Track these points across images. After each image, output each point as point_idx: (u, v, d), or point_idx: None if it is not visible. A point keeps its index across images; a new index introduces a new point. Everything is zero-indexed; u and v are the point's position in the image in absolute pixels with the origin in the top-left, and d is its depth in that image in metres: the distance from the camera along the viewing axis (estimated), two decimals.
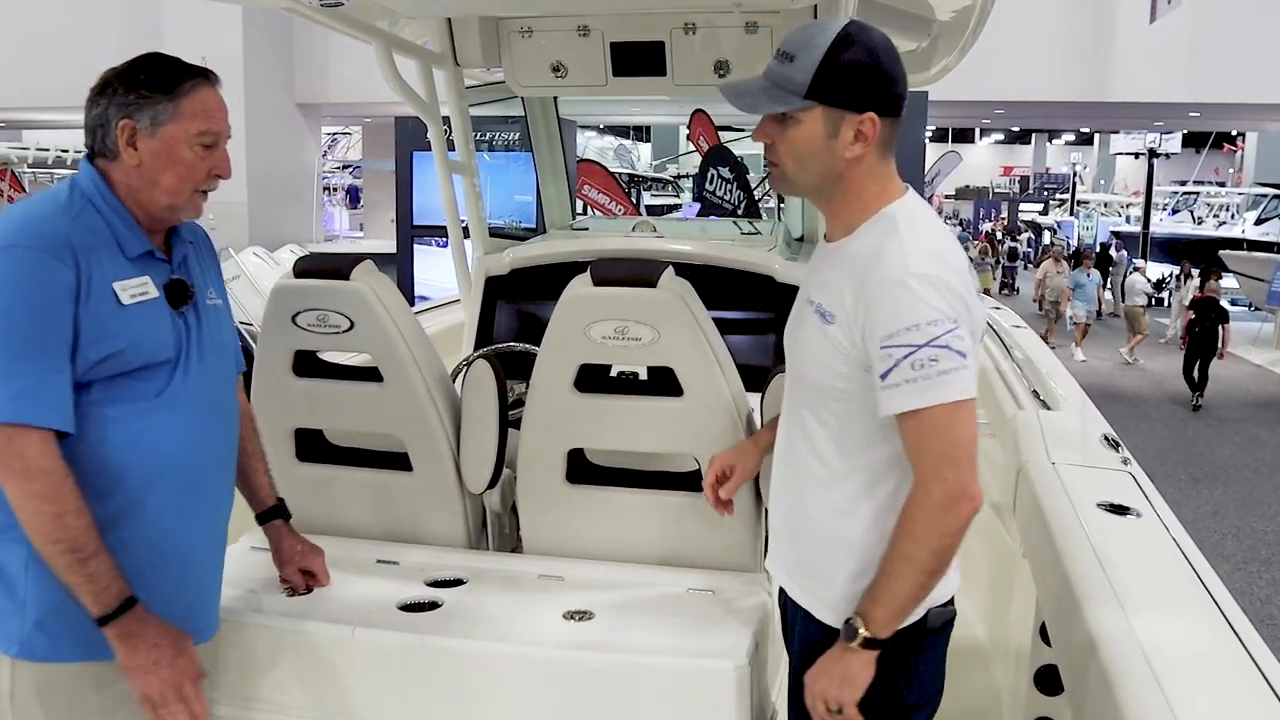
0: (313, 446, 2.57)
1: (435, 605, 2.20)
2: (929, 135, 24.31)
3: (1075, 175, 44.29)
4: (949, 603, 1.80)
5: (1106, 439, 2.91)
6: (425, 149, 4.55)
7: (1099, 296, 17.42)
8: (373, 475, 2.53)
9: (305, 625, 2.14)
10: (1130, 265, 20.78)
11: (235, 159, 1.95)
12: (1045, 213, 44.03)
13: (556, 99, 4.28)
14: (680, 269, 2.28)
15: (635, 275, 2.24)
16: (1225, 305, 14.12)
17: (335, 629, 2.11)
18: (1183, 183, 33.80)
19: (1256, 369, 15.71)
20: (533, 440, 2.39)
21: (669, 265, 2.26)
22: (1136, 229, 28.36)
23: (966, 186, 48.67)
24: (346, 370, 2.57)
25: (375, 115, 20.94)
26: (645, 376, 2.40)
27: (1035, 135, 54.27)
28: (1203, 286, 14.37)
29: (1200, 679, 1.61)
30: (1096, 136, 47.29)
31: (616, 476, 2.42)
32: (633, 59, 3.18)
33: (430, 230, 10.05)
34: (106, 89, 1.83)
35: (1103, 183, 46.66)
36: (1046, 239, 32.36)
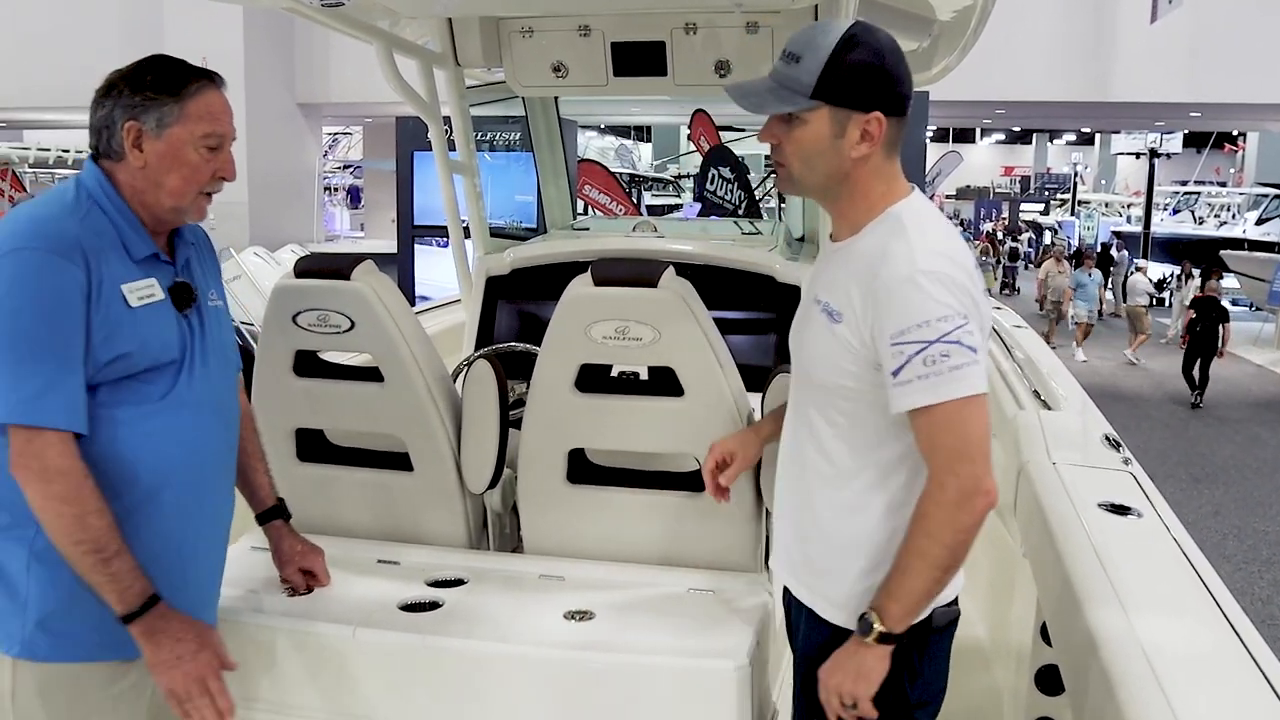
0: (313, 446, 2.57)
1: (436, 605, 2.20)
2: (930, 135, 24.31)
3: (1076, 175, 44.30)
4: (953, 602, 1.80)
5: (1107, 439, 2.90)
6: (426, 149, 4.55)
7: (1100, 296, 17.41)
8: (373, 475, 2.53)
9: (306, 625, 2.14)
10: (1131, 265, 20.76)
11: (236, 159, 1.94)
12: (1046, 213, 44.03)
13: (557, 99, 4.28)
14: (681, 269, 2.28)
15: (636, 275, 2.24)
16: (1226, 305, 14.13)
17: (336, 629, 2.11)
18: (1184, 183, 33.78)
19: (1258, 369, 15.70)
20: (533, 440, 2.39)
21: (670, 265, 2.26)
22: (1138, 229, 28.38)
23: (967, 186, 48.66)
24: (347, 370, 2.57)
25: (376, 115, 20.94)
26: (646, 376, 2.40)
27: (1036, 135, 54.28)
28: (1203, 286, 14.37)
29: (1201, 679, 1.61)
30: (1097, 136, 47.32)
31: (617, 476, 2.42)
32: (633, 59, 3.18)
33: (431, 230, 10.04)
34: (112, 90, 1.83)
35: (1104, 183, 46.68)
36: (1047, 239, 32.35)
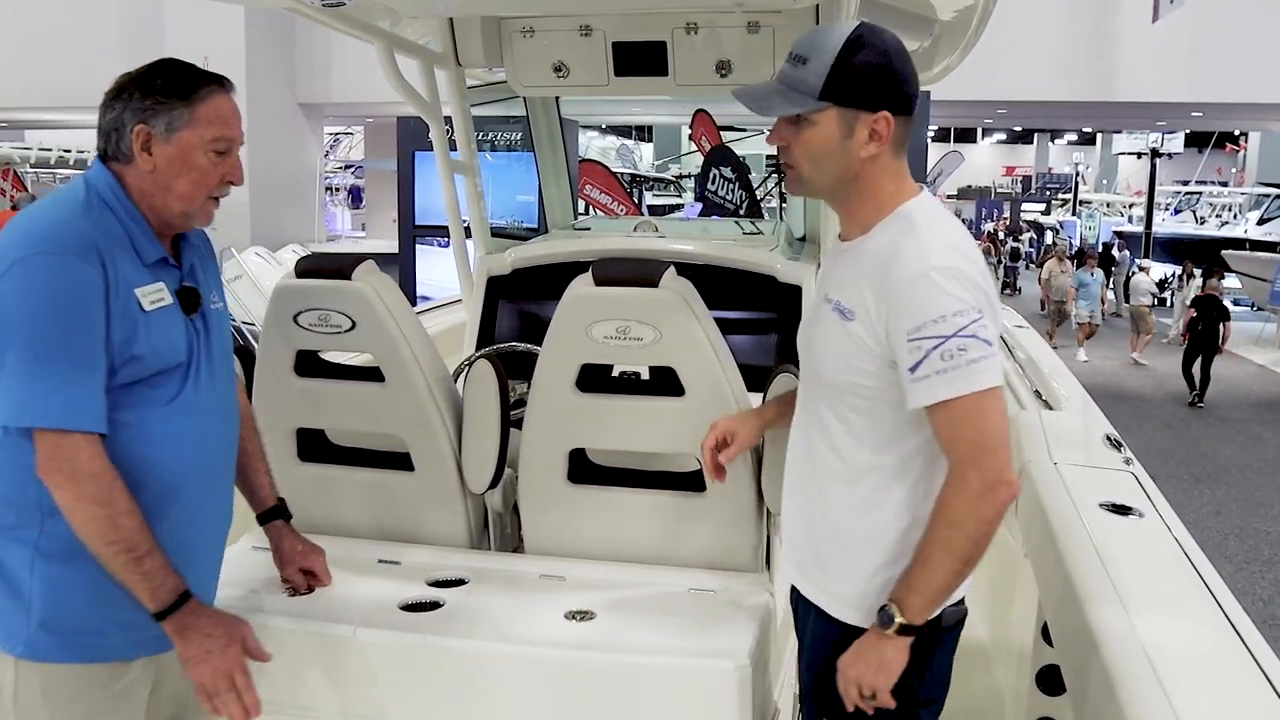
0: (314, 446, 2.57)
1: (437, 605, 2.20)
2: (931, 135, 24.30)
3: (1078, 175, 44.28)
4: (960, 602, 1.81)
5: (1109, 439, 2.91)
6: (427, 149, 4.55)
7: (1102, 296, 17.38)
8: (374, 475, 2.53)
9: (307, 625, 2.14)
10: (1133, 265, 20.75)
11: None
12: (1048, 213, 44.02)
13: (558, 99, 4.28)
14: (682, 269, 2.28)
15: (637, 275, 2.24)
16: (1227, 304, 14.14)
17: (337, 629, 2.11)
18: (1185, 182, 33.78)
19: (1259, 369, 15.70)
20: (534, 440, 2.39)
21: (670, 265, 2.26)
22: (1139, 229, 28.36)
23: (969, 186, 48.62)
24: (348, 370, 2.57)
25: (377, 115, 20.94)
26: (647, 376, 2.40)
27: (1038, 135, 54.27)
28: (1204, 285, 14.38)
29: (1202, 679, 1.61)
30: (1099, 136, 47.29)
31: (618, 476, 2.42)
32: (634, 59, 3.18)
33: (432, 230, 10.04)
34: (122, 93, 1.83)
35: (1105, 182, 46.67)
36: (1049, 239, 32.34)
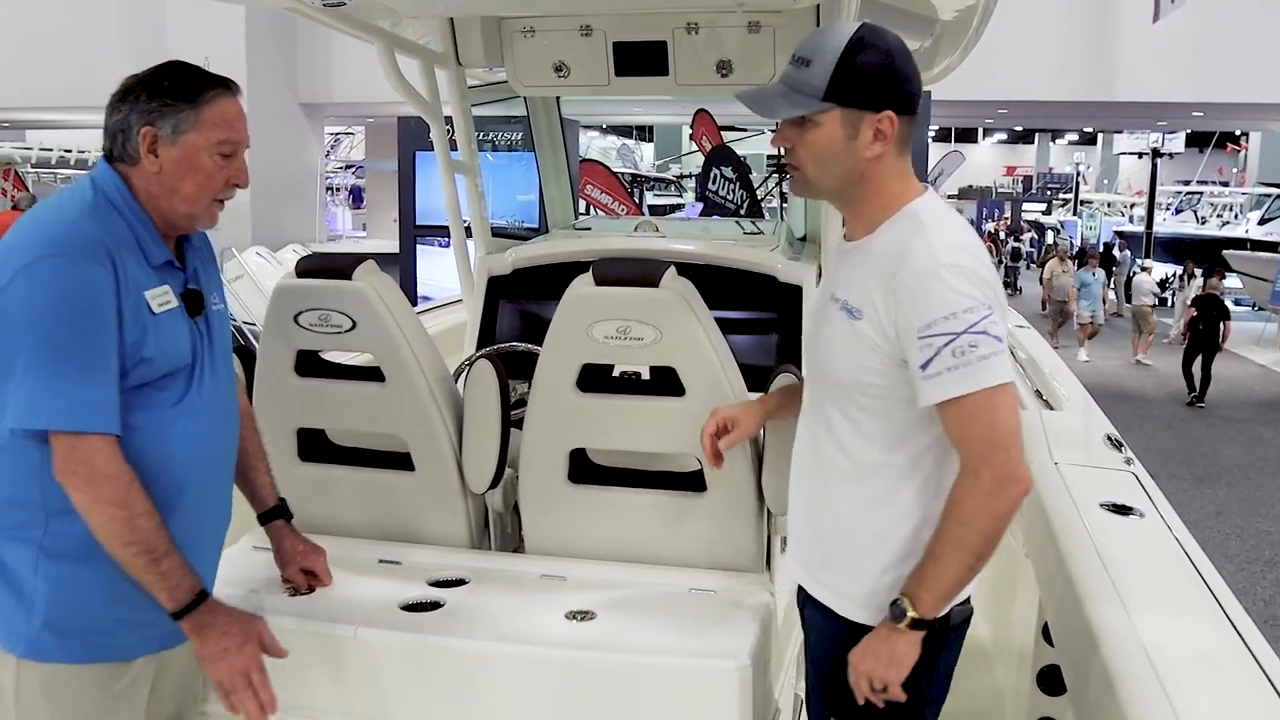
0: (315, 446, 2.57)
1: (437, 605, 2.20)
2: (932, 135, 24.29)
3: (1079, 175, 44.28)
4: (966, 601, 1.82)
5: (1109, 439, 2.91)
6: (428, 149, 4.55)
7: (1104, 296, 17.36)
8: (375, 475, 2.53)
9: (307, 625, 2.14)
10: (1134, 265, 20.73)
11: None
12: (1048, 213, 44.01)
13: (559, 99, 4.28)
14: (682, 269, 2.28)
15: (637, 275, 2.24)
16: (1228, 304, 14.14)
17: (337, 629, 2.11)
18: (1186, 182, 33.77)
19: (1260, 369, 15.70)
20: (535, 440, 2.39)
21: (671, 265, 2.26)
22: (1140, 229, 28.35)
23: (970, 186, 48.56)
24: (348, 370, 2.57)
25: (378, 115, 20.94)
26: (647, 376, 2.40)
27: (1039, 135, 54.24)
28: (1205, 285, 14.39)
29: (1203, 679, 1.61)
30: (1100, 136, 47.28)
31: (619, 476, 2.42)
32: (635, 59, 3.17)
33: (433, 230, 10.04)
34: (129, 95, 1.83)
35: (1106, 182, 46.66)
36: (1050, 239, 32.33)
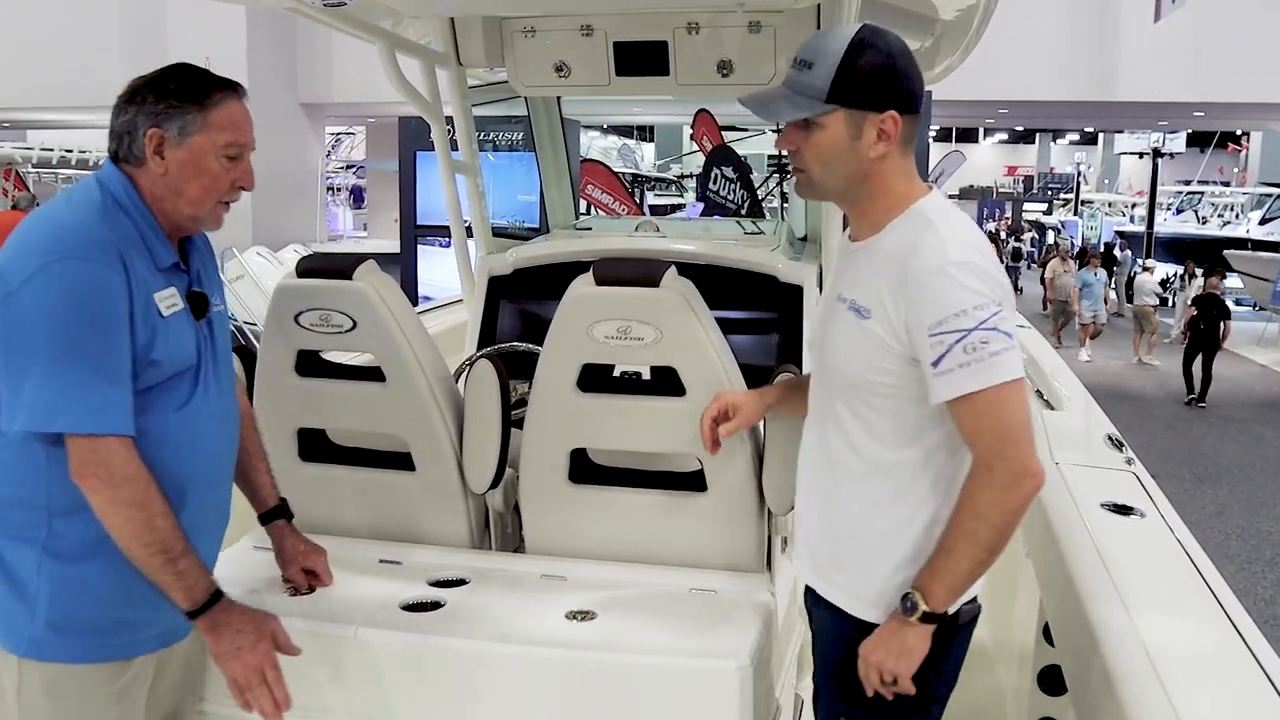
0: (315, 446, 2.57)
1: (438, 605, 2.20)
2: (933, 135, 24.29)
3: (1079, 175, 44.26)
4: (974, 600, 1.82)
5: (1110, 439, 2.91)
6: (429, 149, 4.55)
7: (1105, 296, 17.35)
8: (375, 475, 2.53)
9: (308, 625, 2.13)
10: (1135, 265, 20.72)
11: None
12: (1049, 212, 43.99)
13: (560, 99, 4.28)
14: (683, 269, 2.28)
15: (638, 275, 2.24)
16: (1229, 303, 14.15)
17: (338, 628, 2.11)
18: (1187, 182, 33.76)
19: (1261, 369, 15.70)
20: (535, 440, 2.39)
21: (671, 265, 2.26)
22: (1141, 229, 28.32)
23: (970, 186, 48.54)
24: (349, 370, 2.57)
25: (379, 115, 20.96)
26: (648, 376, 2.40)
27: (1039, 135, 54.19)
28: (1205, 285, 14.39)
29: (1204, 679, 1.61)
30: (1101, 136, 47.22)
31: (619, 476, 2.42)
32: (636, 59, 3.17)
33: (434, 230, 10.04)
34: (135, 97, 1.83)
35: (1107, 182, 46.60)
36: (1051, 239, 32.32)
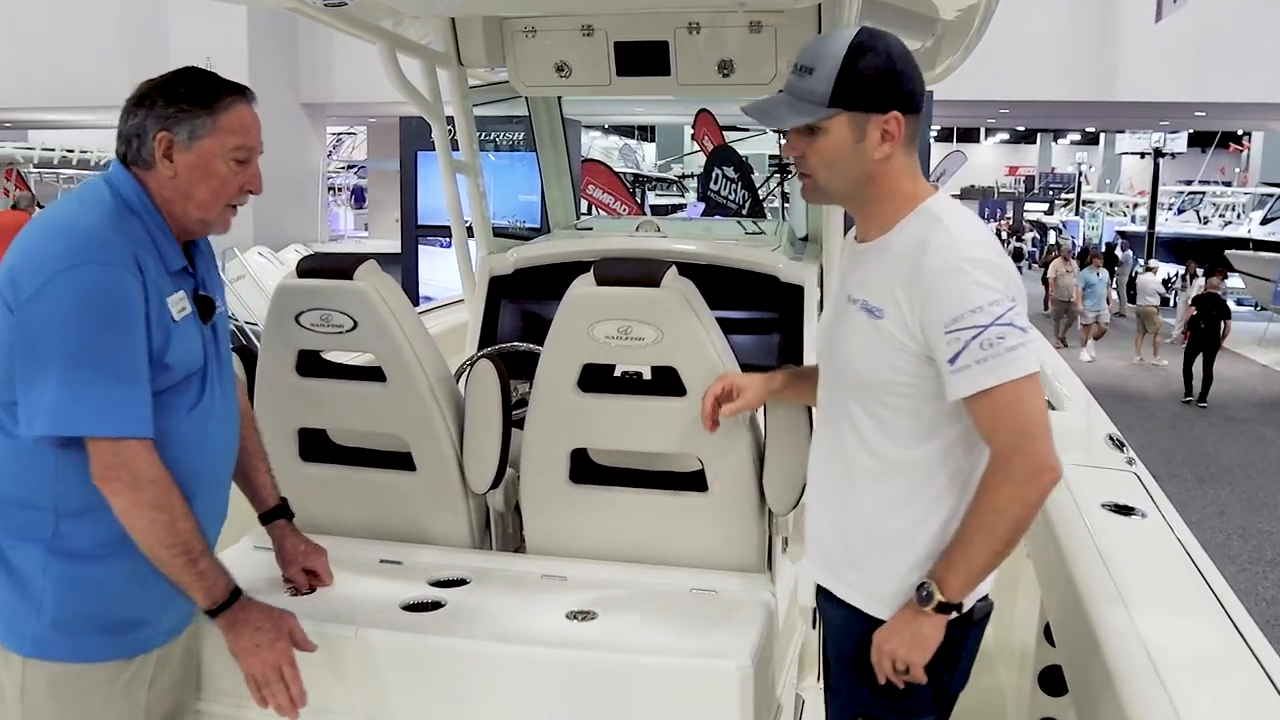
0: (316, 446, 2.57)
1: (438, 605, 2.20)
2: (934, 135, 24.27)
3: (1081, 175, 44.23)
4: (986, 597, 1.84)
5: (1111, 439, 2.91)
6: (430, 149, 4.55)
7: (1107, 296, 17.33)
8: (376, 475, 2.53)
9: (309, 625, 2.13)
10: (1137, 265, 20.71)
11: None
12: (1050, 212, 43.98)
13: (560, 99, 4.28)
14: (684, 269, 2.28)
15: (638, 275, 2.24)
16: (1229, 303, 14.15)
17: (338, 628, 2.11)
18: (1188, 182, 33.73)
19: (1263, 369, 15.69)
20: (536, 440, 2.39)
21: (672, 265, 2.26)
22: (1142, 229, 28.30)
23: (971, 186, 48.56)
24: (350, 370, 2.57)
25: (380, 115, 20.96)
26: (649, 376, 2.40)
27: (1040, 135, 54.19)
28: (1206, 285, 14.39)
29: (1205, 680, 1.61)
30: (1102, 136, 47.21)
31: (620, 476, 2.42)
32: (637, 59, 3.17)
33: (435, 230, 10.05)
34: (145, 100, 1.84)
35: (1108, 182, 46.59)
36: (1052, 239, 32.31)
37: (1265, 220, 24.38)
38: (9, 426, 1.76)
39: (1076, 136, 51.99)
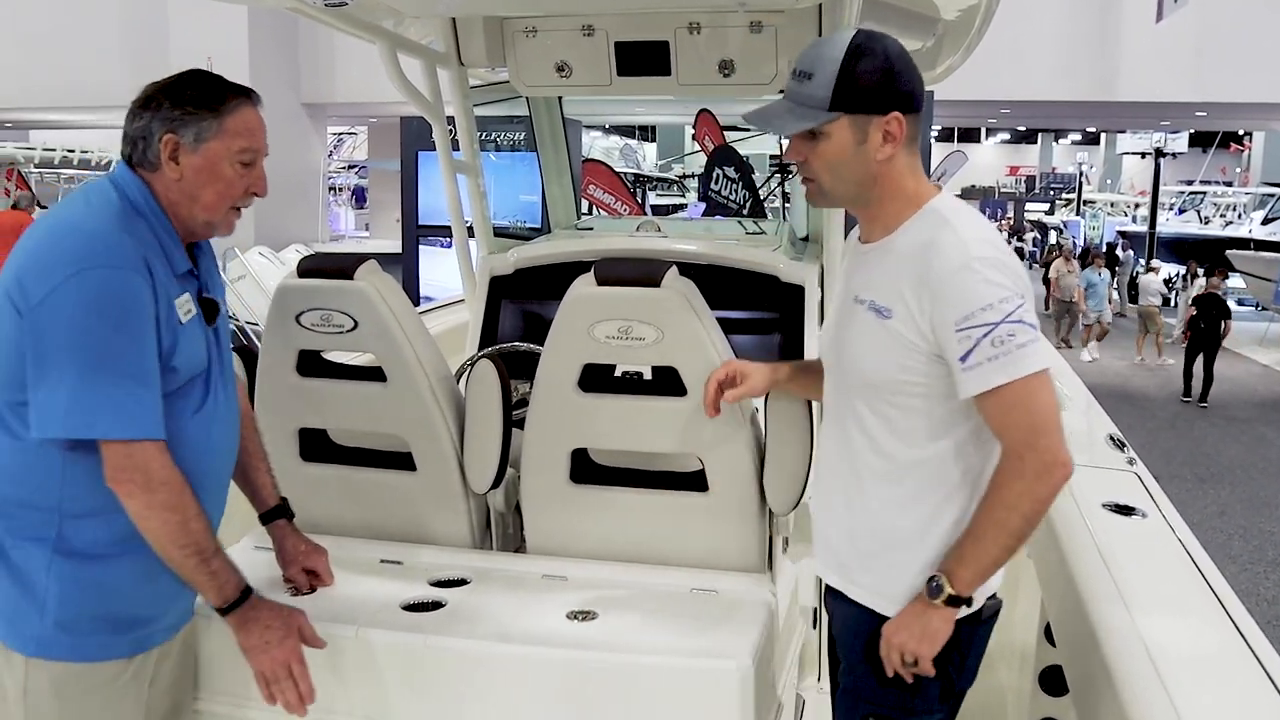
0: (317, 446, 2.57)
1: (439, 605, 2.20)
2: (935, 135, 24.27)
3: (1081, 175, 44.22)
4: (994, 595, 1.85)
5: (1112, 439, 2.91)
6: (431, 149, 4.55)
7: (1108, 296, 17.31)
8: (377, 475, 2.53)
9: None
10: (1138, 265, 20.70)
11: None
12: (1051, 212, 43.97)
13: (561, 99, 4.28)
14: (684, 269, 2.28)
15: (639, 275, 2.24)
16: (1230, 303, 14.15)
17: (339, 628, 2.11)
18: (1189, 182, 33.71)
19: (1264, 369, 15.69)
20: (537, 440, 2.39)
21: (673, 265, 2.26)
22: (1143, 229, 28.29)
23: (972, 186, 48.53)
24: (350, 370, 2.57)
25: (381, 115, 20.95)
26: (649, 376, 2.40)
27: (1041, 135, 54.17)
28: (1206, 285, 14.40)
29: (1205, 680, 1.61)
30: (1103, 136, 47.18)
31: (620, 476, 2.42)
32: (637, 59, 3.17)
33: (436, 230, 10.04)
34: (151, 102, 1.84)
35: (1109, 182, 46.55)
36: (1053, 239, 32.29)
37: (1266, 220, 24.36)
38: (15, 427, 1.76)
39: (1077, 136, 51.97)
